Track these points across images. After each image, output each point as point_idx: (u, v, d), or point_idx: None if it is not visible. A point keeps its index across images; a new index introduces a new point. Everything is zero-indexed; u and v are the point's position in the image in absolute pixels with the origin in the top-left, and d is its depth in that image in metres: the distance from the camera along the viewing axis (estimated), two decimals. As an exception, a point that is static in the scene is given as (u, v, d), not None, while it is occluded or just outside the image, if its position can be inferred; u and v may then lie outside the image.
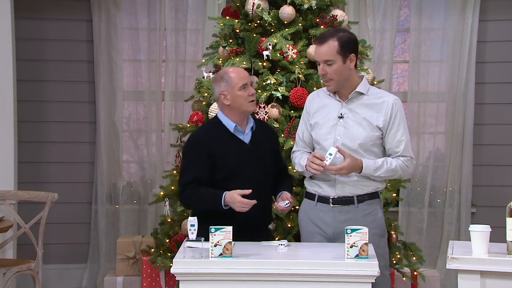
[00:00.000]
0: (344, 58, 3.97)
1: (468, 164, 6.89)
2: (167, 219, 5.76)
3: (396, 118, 4.01)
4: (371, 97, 4.06)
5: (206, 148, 4.12)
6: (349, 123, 4.02)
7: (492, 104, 6.96)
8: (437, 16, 7.00)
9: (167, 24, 7.01)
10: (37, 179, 6.89)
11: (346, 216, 4.02)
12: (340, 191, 4.03)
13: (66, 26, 6.97)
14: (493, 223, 3.96)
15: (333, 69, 3.96)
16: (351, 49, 4.00)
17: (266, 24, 5.57)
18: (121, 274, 6.19)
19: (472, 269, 3.46)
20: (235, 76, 4.14)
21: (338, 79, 3.99)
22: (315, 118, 4.14)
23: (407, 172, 4.08)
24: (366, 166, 3.96)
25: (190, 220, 3.70)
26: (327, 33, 4.05)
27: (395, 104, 4.03)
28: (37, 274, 5.59)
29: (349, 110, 4.05)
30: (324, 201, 4.07)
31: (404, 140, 4.03)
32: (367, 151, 4.01)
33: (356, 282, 3.45)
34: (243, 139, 4.19)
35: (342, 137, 4.01)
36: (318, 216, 4.10)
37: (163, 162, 7.01)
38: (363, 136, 4.00)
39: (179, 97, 6.98)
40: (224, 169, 4.13)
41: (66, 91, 6.98)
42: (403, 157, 4.03)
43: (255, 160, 4.17)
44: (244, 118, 4.21)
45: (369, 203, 4.04)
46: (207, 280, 3.52)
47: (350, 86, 4.04)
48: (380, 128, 4.01)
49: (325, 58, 3.96)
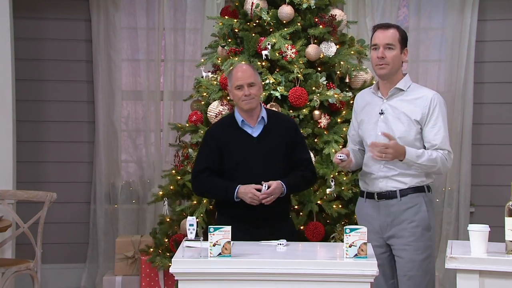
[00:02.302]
0: (402, 48, 4.15)
1: (467, 164, 6.90)
2: (166, 218, 5.76)
3: (434, 112, 4.08)
4: (411, 93, 4.16)
5: (215, 140, 4.36)
6: (389, 119, 4.13)
7: (490, 104, 6.96)
8: (435, 16, 7.01)
9: (166, 23, 7.01)
10: (36, 178, 6.88)
11: (390, 210, 4.11)
12: (384, 186, 4.12)
13: (65, 26, 6.97)
14: (492, 222, 3.95)
15: (392, 55, 4.11)
16: (406, 43, 4.20)
17: (265, 24, 5.57)
18: (120, 273, 6.19)
19: (470, 268, 3.46)
20: (234, 76, 4.34)
21: (392, 66, 4.13)
22: (361, 116, 4.30)
23: (446, 166, 4.11)
24: (409, 152, 4.01)
25: (189, 220, 3.70)
26: (388, 23, 4.31)
27: (433, 98, 4.11)
28: (36, 273, 5.59)
29: (390, 106, 4.16)
30: (371, 197, 4.19)
31: (442, 133, 4.08)
32: (408, 146, 4.05)
33: (355, 281, 3.45)
34: (251, 133, 4.34)
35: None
36: (367, 212, 4.21)
37: (162, 161, 7.01)
38: (401, 130, 4.08)
39: (178, 97, 6.98)
40: (229, 161, 4.32)
41: (65, 90, 6.98)
42: (442, 150, 4.07)
43: (260, 154, 4.29)
44: (250, 114, 4.34)
45: (412, 197, 4.10)
46: (206, 279, 3.52)
47: (393, 81, 4.17)
48: (418, 122, 4.09)
49: (389, 41, 4.12)
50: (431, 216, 4.12)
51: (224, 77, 5.41)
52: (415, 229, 4.05)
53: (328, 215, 5.29)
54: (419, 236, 4.05)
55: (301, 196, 5.25)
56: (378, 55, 4.13)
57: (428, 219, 4.10)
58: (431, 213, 4.13)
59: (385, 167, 4.11)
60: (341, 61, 5.59)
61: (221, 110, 5.39)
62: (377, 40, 4.16)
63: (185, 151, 5.66)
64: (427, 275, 4.09)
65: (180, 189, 5.64)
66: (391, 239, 4.11)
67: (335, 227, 5.25)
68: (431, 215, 4.13)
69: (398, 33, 4.14)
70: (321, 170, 5.23)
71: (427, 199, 4.12)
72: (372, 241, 3.96)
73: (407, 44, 4.21)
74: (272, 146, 4.33)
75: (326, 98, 5.38)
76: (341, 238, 4.93)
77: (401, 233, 4.07)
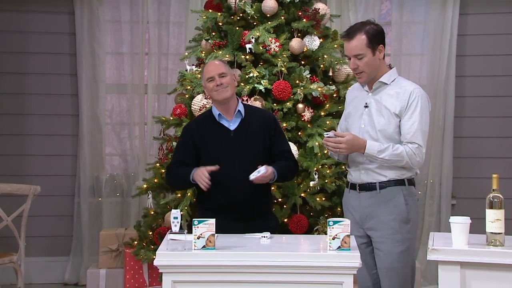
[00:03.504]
0: (373, 50, 4.07)
1: (449, 157, 6.95)
2: (150, 211, 5.77)
3: (411, 105, 4.05)
4: (394, 86, 4.14)
5: (191, 136, 4.40)
6: (372, 112, 4.13)
7: (472, 97, 7.01)
8: (418, 10, 7.05)
9: (150, 17, 7.01)
10: (20, 171, 6.87)
11: (369, 202, 4.11)
12: (365, 177, 4.13)
13: (48, 19, 6.95)
14: (473, 214, 3.98)
15: (364, 62, 4.07)
16: (379, 41, 4.10)
17: (249, 17, 5.59)
18: (104, 266, 6.19)
19: (452, 260, 3.49)
20: (205, 70, 4.42)
21: (369, 71, 4.10)
22: (348, 109, 4.31)
23: (415, 161, 4.05)
24: (370, 146, 4.02)
25: (173, 213, 3.71)
26: (354, 27, 4.14)
27: (413, 92, 4.08)
28: (20, 266, 5.59)
29: (374, 99, 4.15)
30: (354, 188, 4.20)
31: (415, 127, 4.04)
32: (389, 139, 4.07)
33: (338, 273, 3.48)
34: (228, 126, 4.35)
35: (366, 125, 4.13)
36: (350, 203, 4.23)
37: (146, 155, 7.01)
38: (382, 123, 4.08)
39: (162, 90, 6.99)
40: (206, 155, 4.34)
41: (48, 83, 6.96)
42: (411, 144, 4.03)
43: (237, 147, 4.30)
44: (226, 107, 4.37)
45: (391, 190, 4.09)
46: (190, 272, 3.53)
47: (377, 77, 4.14)
48: (397, 115, 4.07)
49: (355, 52, 4.06)
50: (410, 209, 4.10)
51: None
52: (393, 222, 4.05)
53: (311, 208, 5.32)
54: (397, 229, 4.05)
55: (285, 188, 5.28)
56: (350, 66, 4.14)
57: (406, 212, 4.08)
58: (410, 206, 4.10)
59: (367, 159, 4.12)
60: (325, 55, 5.62)
61: (205, 104, 5.41)
62: (346, 51, 4.15)
63: (169, 144, 5.67)
64: (406, 267, 4.10)
65: (164, 182, 5.64)
66: (370, 231, 4.13)
67: (319, 220, 5.27)
68: (410, 208, 4.10)
69: (365, 37, 4.04)
70: (305, 163, 5.26)
71: (406, 192, 4.10)
72: (354, 232, 3.99)
73: (383, 39, 4.12)
74: (250, 139, 4.34)
75: (310, 92, 5.41)
76: (324, 231, 4.95)
77: (379, 225, 4.07)
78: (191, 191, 5.25)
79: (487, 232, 3.54)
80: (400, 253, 4.05)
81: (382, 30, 4.16)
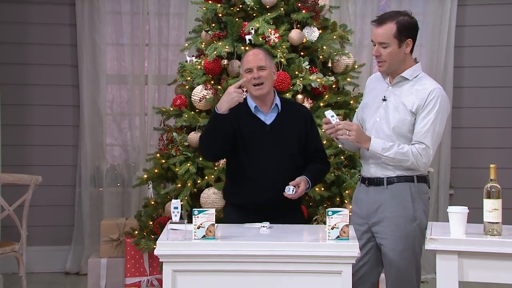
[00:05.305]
0: (400, 42, 3.94)
1: (447, 147, 6.98)
2: (151, 201, 5.79)
3: (429, 105, 3.91)
4: (415, 83, 3.99)
5: (234, 119, 4.19)
6: (389, 106, 4.00)
7: (470, 88, 7.04)
8: (416, 1, 7.05)
9: (150, 8, 7.03)
10: (21, 162, 6.91)
11: (377, 197, 4.02)
12: (374, 171, 4.04)
13: (49, 10, 6.96)
14: (471, 204, 3.98)
15: (387, 52, 3.95)
16: (409, 34, 3.97)
17: (249, 9, 5.60)
18: (105, 256, 6.20)
19: (450, 249, 3.51)
20: (245, 59, 4.26)
21: (391, 62, 3.97)
22: (365, 99, 4.19)
23: (421, 162, 3.92)
24: (374, 142, 3.93)
25: (173, 203, 3.71)
26: (387, 14, 4.02)
27: (433, 91, 3.93)
28: (21, 256, 5.62)
29: (393, 93, 4.02)
30: (364, 182, 4.11)
31: (428, 127, 3.91)
32: (401, 136, 3.96)
33: (337, 263, 3.49)
34: (264, 120, 4.25)
35: (381, 120, 4.02)
36: (359, 196, 4.16)
37: (146, 145, 7.04)
38: (396, 119, 3.96)
39: (162, 81, 7.01)
40: (242, 147, 4.21)
41: (49, 74, 6.99)
42: (418, 144, 3.91)
43: (274, 141, 4.20)
44: (263, 100, 4.24)
45: (398, 186, 3.98)
46: (190, 261, 3.54)
47: (399, 70, 4.01)
48: (414, 113, 3.94)
49: (381, 40, 3.95)
50: (417, 207, 3.97)
51: (208, 62, 5.45)
52: (397, 219, 3.95)
53: (311, 198, 5.33)
54: (401, 226, 3.95)
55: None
56: (373, 52, 4.02)
57: (412, 210, 3.96)
58: (417, 204, 3.98)
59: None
60: (324, 46, 5.63)
61: (205, 95, 5.43)
62: (372, 36, 4.01)
63: (170, 135, 5.69)
64: (410, 265, 4.03)
65: (165, 172, 5.68)
66: (375, 227, 4.04)
67: (318, 210, 5.28)
68: (417, 206, 3.98)
69: (394, 26, 3.91)
70: (304, 153, 5.28)
71: (414, 189, 3.99)
72: (360, 226, 4.02)
73: (414, 33, 3.98)
74: (286, 135, 4.22)
75: (309, 83, 5.42)
76: (323, 221, 4.96)
77: (384, 221, 3.99)
78: (191, 181, 5.29)
79: (485, 221, 3.57)
80: (403, 251, 3.96)
81: (416, 24, 4.01)
